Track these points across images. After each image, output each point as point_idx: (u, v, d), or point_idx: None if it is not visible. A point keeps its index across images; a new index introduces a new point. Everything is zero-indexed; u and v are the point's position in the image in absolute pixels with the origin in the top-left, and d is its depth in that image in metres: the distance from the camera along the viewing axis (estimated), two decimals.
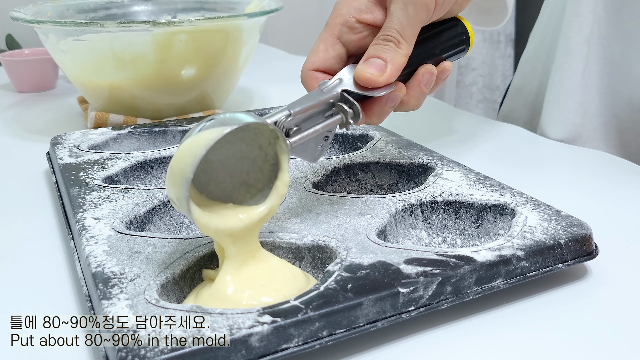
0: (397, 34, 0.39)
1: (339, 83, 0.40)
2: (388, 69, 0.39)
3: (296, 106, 0.37)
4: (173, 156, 0.34)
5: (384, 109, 0.41)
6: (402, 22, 0.39)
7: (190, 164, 0.32)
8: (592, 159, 0.61)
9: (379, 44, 0.40)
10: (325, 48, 0.42)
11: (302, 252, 0.39)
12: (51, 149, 0.58)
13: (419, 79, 0.42)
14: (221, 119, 0.34)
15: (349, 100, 0.39)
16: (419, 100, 0.43)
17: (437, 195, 0.44)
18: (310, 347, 0.31)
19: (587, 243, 0.38)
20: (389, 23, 0.40)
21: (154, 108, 0.73)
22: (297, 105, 0.37)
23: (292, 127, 0.37)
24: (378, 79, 0.39)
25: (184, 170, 0.32)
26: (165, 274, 0.35)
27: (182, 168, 0.32)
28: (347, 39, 0.42)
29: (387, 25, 0.40)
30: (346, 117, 0.39)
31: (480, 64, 2.37)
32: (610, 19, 0.66)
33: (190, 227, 0.45)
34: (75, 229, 0.41)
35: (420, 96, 0.42)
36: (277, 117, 0.36)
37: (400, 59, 0.39)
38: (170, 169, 0.33)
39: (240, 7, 0.84)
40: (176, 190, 0.33)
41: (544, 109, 0.72)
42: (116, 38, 0.66)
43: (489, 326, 0.34)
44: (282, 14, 0.86)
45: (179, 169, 0.32)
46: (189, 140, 0.33)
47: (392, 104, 0.41)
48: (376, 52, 0.40)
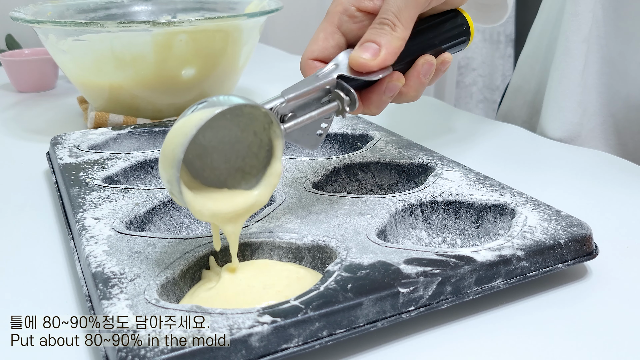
0: (394, 16, 0.39)
1: (334, 68, 0.39)
2: (382, 53, 0.39)
3: (290, 92, 0.37)
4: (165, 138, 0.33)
5: (382, 99, 0.41)
6: (399, 5, 0.39)
7: (180, 144, 0.32)
8: (592, 159, 0.61)
9: (375, 27, 0.40)
10: (324, 37, 0.42)
11: (302, 252, 0.39)
12: (51, 149, 0.58)
13: (418, 69, 0.42)
14: (214, 100, 0.33)
15: (346, 88, 0.39)
16: (418, 91, 0.42)
17: (437, 195, 0.44)
18: (310, 347, 0.31)
19: (587, 243, 0.38)
20: (386, 6, 0.40)
21: (154, 108, 0.73)
22: (292, 91, 0.37)
23: (287, 113, 0.37)
24: (371, 64, 0.39)
25: (175, 150, 0.32)
26: (165, 274, 0.35)
27: (173, 149, 0.32)
28: (346, 28, 0.42)
29: (384, 8, 0.40)
30: (342, 104, 0.39)
31: (480, 64, 2.37)
32: (608, 19, 0.66)
33: (190, 227, 0.45)
34: (75, 229, 0.41)
35: (419, 87, 0.42)
36: (272, 104, 0.36)
37: (395, 43, 0.39)
38: (162, 151, 0.33)
39: (240, 7, 0.84)
40: (167, 172, 0.33)
41: (543, 108, 0.72)
42: (116, 38, 0.66)
43: (489, 326, 0.34)
44: (282, 14, 0.86)
45: (170, 150, 0.32)
46: (181, 121, 0.33)
47: (390, 94, 0.41)
48: (371, 36, 0.39)
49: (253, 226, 0.40)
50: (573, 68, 0.68)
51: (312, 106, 0.39)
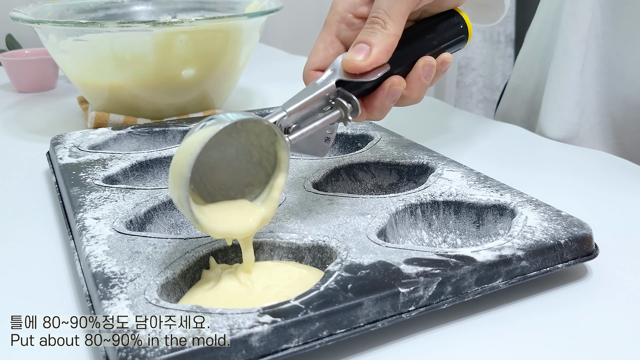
0: (384, 13, 0.39)
1: (332, 74, 0.39)
2: (373, 52, 0.39)
3: (290, 104, 0.37)
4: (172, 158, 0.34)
5: (385, 104, 0.41)
6: (388, 2, 0.39)
7: (186, 163, 0.32)
8: (592, 159, 0.61)
9: (366, 28, 0.40)
10: (324, 47, 0.42)
11: (302, 252, 0.39)
12: (51, 149, 0.58)
13: (418, 71, 0.42)
14: (220, 117, 0.34)
15: (347, 95, 0.39)
16: (420, 93, 0.42)
17: (437, 195, 0.44)
18: (310, 347, 0.31)
19: (587, 243, 0.38)
20: (377, 3, 0.40)
21: (154, 108, 0.73)
22: (292, 104, 0.37)
23: (290, 125, 0.37)
24: (362, 64, 0.38)
25: (181, 170, 0.32)
26: (165, 274, 0.35)
27: (179, 170, 0.32)
28: (345, 36, 0.42)
29: (375, 7, 0.40)
30: (345, 112, 0.39)
31: (480, 64, 2.37)
32: (606, 18, 0.66)
33: (190, 227, 0.45)
34: (76, 229, 0.41)
35: (421, 89, 0.42)
36: (275, 118, 0.36)
37: (387, 40, 0.39)
38: (170, 172, 0.33)
39: (240, 7, 0.84)
40: (176, 192, 0.33)
41: (542, 108, 0.72)
42: (116, 38, 0.66)
43: (489, 326, 0.34)
44: (282, 14, 0.86)
45: (177, 171, 0.33)
46: (187, 141, 0.33)
47: (392, 98, 0.41)
48: (362, 37, 0.39)
49: None
50: (572, 68, 0.68)
51: (315, 115, 0.39)
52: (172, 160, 0.33)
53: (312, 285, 0.34)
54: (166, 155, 0.54)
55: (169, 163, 0.54)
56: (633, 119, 0.68)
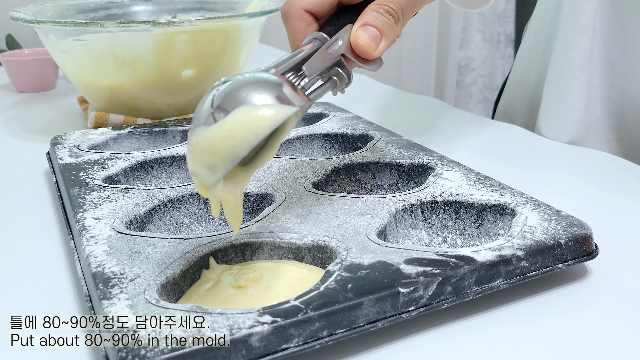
0: (400, 10, 0.38)
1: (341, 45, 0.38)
2: (382, 44, 0.38)
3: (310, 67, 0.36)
4: (218, 125, 0.31)
5: None
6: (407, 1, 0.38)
7: (247, 142, 0.30)
8: (592, 159, 0.61)
9: (380, 13, 0.38)
10: None
11: (302, 252, 0.39)
12: (51, 149, 0.58)
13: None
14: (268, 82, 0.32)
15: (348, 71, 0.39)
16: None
17: (437, 195, 0.44)
18: (310, 347, 0.31)
19: (587, 243, 0.38)
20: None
21: (154, 108, 0.73)
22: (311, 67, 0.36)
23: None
24: (373, 52, 0.38)
25: (238, 146, 0.30)
26: (165, 274, 0.35)
27: (234, 145, 0.30)
28: None
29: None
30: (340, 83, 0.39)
31: (480, 64, 2.37)
32: (606, 12, 0.66)
33: (190, 227, 0.45)
34: (75, 229, 0.41)
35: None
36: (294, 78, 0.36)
37: (393, 37, 0.38)
38: (217, 140, 0.31)
39: (240, 7, 0.84)
40: (218, 161, 0.31)
41: (543, 102, 0.72)
42: (116, 38, 0.66)
43: (489, 326, 0.34)
44: None
45: (229, 145, 0.30)
46: (240, 113, 0.31)
47: None
48: (375, 20, 0.38)
49: (253, 226, 0.40)
50: (572, 61, 0.67)
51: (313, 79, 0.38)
52: (221, 128, 0.31)
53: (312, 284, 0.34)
54: (166, 155, 0.54)
55: (169, 163, 0.54)
56: (632, 114, 0.68)
